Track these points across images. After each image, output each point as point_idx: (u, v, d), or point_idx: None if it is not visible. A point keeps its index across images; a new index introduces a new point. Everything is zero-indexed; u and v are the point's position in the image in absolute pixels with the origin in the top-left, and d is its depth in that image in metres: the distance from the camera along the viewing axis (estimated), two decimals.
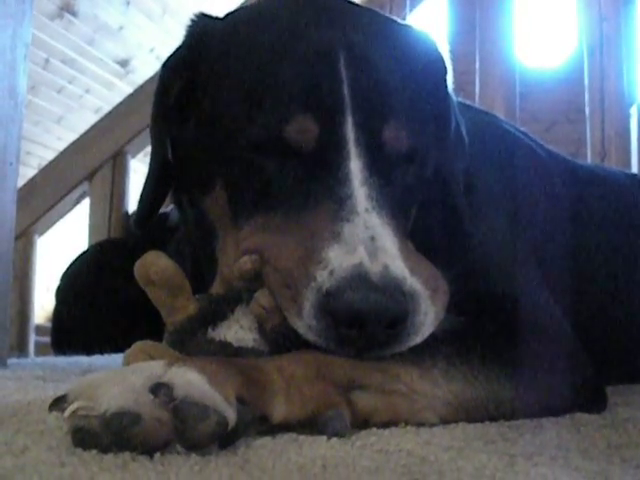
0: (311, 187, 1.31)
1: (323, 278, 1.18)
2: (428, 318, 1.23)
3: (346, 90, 1.33)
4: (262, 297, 1.27)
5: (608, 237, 2.08)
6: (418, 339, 1.22)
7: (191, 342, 1.32)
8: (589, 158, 4.73)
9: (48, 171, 3.79)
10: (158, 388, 0.92)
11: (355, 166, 1.30)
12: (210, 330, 1.31)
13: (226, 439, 0.95)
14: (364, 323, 1.14)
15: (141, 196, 1.64)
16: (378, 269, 1.17)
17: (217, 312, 1.32)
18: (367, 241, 1.21)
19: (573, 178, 2.11)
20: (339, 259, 1.19)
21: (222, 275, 1.43)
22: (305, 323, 1.19)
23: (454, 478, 0.88)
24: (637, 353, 2.03)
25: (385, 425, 1.17)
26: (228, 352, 1.26)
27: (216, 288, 1.42)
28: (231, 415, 0.94)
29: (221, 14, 1.57)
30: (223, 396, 0.94)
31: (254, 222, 1.36)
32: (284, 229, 1.31)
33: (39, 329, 3.96)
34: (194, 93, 1.49)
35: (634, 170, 4.74)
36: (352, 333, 1.16)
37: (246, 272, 1.29)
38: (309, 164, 1.32)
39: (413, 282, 1.21)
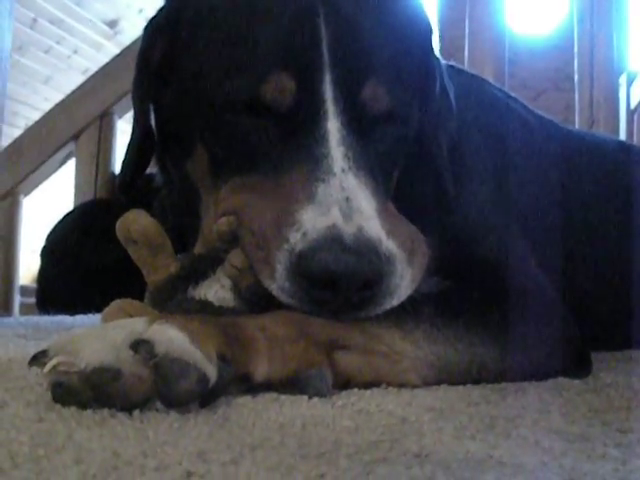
0: (288, 147, 1.30)
1: (296, 240, 1.17)
2: (404, 280, 1.22)
3: (325, 48, 1.31)
4: (234, 257, 1.26)
5: (596, 203, 2.08)
6: (394, 301, 1.22)
7: (172, 301, 1.31)
8: (577, 125, 4.74)
9: (34, 131, 3.74)
10: (139, 345, 0.92)
11: (332, 125, 1.29)
12: (191, 289, 1.31)
13: (206, 397, 0.95)
14: (336, 285, 1.14)
15: (123, 162, 1.63)
16: (352, 230, 1.16)
17: (198, 271, 1.32)
18: (342, 202, 1.20)
19: (562, 144, 2.11)
20: (312, 221, 1.18)
21: (204, 236, 1.42)
22: (278, 285, 1.19)
23: (434, 439, 0.88)
24: (622, 319, 2.03)
25: (367, 386, 1.17)
26: (208, 311, 1.26)
27: (198, 248, 1.42)
28: (212, 373, 0.94)
29: None
30: (204, 354, 0.94)
31: (232, 183, 1.36)
32: (260, 190, 1.30)
33: (24, 290, 3.94)
34: (175, 56, 1.48)
35: (622, 137, 4.76)
36: (325, 295, 1.16)
37: (223, 233, 1.29)
38: (286, 123, 1.31)
39: (389, 244, 1.20)
